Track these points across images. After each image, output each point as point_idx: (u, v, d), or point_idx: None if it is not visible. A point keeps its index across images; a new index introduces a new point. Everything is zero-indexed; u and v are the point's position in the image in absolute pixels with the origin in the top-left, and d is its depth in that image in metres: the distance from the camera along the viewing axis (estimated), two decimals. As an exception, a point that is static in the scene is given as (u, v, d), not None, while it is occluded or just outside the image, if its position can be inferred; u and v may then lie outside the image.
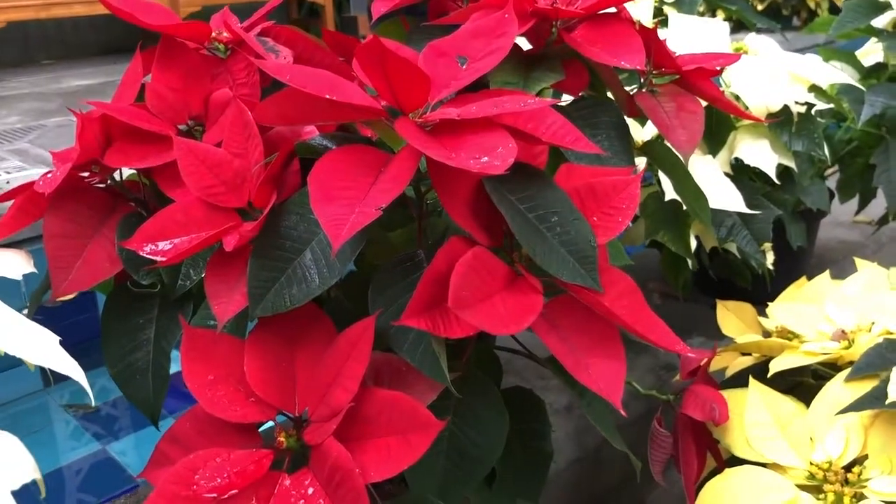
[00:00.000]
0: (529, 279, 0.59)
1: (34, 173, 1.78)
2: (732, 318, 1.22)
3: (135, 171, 0.82)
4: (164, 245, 0.67)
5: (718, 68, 0.83)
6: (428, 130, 0.60)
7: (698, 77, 0.83)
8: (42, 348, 0.63)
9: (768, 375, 0.98)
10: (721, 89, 1.37)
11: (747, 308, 1.23)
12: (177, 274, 0.76)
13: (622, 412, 0.58)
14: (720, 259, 1.60)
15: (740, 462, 0.85)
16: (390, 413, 0.58)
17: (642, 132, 1.38)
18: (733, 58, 0.86)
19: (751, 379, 0.93)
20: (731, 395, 0.92)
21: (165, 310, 0.78)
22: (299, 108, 0.63)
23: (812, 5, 3.75)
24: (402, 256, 0.65)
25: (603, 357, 0.59)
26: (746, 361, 1.10)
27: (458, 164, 0.53)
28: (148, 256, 0.66)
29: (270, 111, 0.64)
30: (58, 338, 0.64)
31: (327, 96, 0.58)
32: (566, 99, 0.90)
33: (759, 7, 3.74)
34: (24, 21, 3.43)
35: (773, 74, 1.48)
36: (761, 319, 1.19)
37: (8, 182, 1.73)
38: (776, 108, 1.47)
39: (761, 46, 1.56)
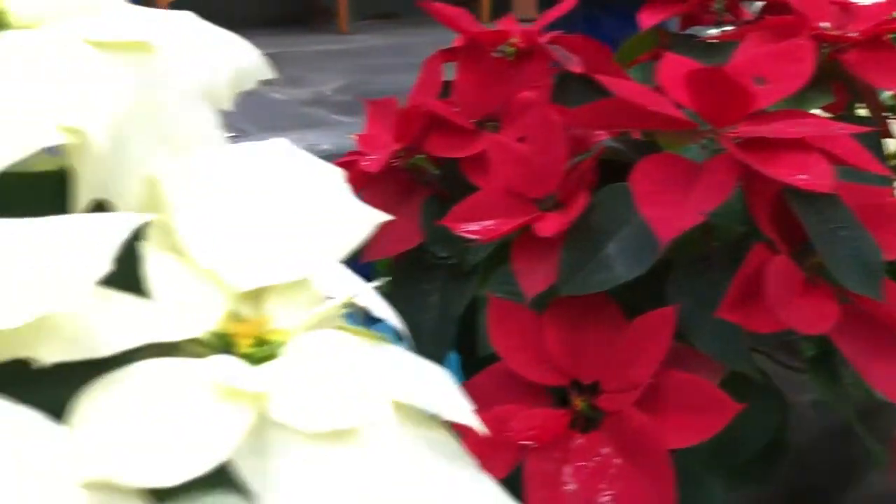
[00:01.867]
0: (825, 286, 0.66)
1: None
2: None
3: (418, 158, 0.93)
4: (473, 226, 0.78)
5: None
6: (737, 144, 0.67)
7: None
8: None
9: None
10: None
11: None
12: (467, 249, 0.87)
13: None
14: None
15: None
16: (687, 392, 0.66)
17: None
18: None
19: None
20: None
21: (452, 280, 0.89)
22: (611, 115, 0.71)
23: None
24: (695, 257, 0.72)
25: (884, 360, 0.65)
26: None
27: (787, 180, 0.60)
28: (464, 235, 0.76)
29: (585, 116, 0.73)
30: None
31: (649, 107, 0.66)
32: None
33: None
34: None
35: None
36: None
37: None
38: None
39: None
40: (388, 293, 0.96)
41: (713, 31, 1.09)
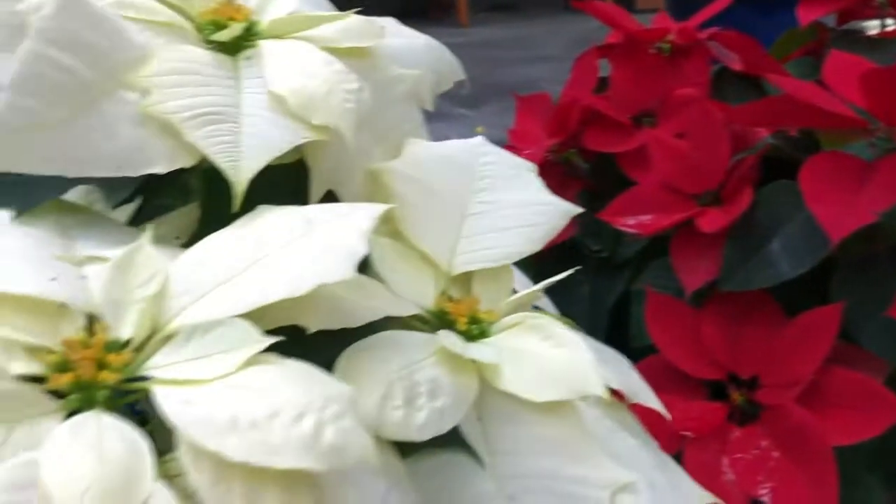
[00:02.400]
0: None
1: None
2: None
3: (570, 152, 0.95)
4: (630, 220, 0.80)
5: None
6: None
7: None
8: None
9: None
10: None
11: None
12: (619, 243, 0.89)
13: None
14: None
15: None
16: (850, 390, 0.66)
17: None
18: None
19: None
20: None
21: (602, 272, 0.91)
22: (777, 112, 0.72)
23: None
24: (861, 256, 0.72)
25: None
26: None
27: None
28: (622, 229, 0.78)
29: (749, 113, 0.73)
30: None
31: (821, 105, 0.66)
32: None
33: None
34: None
35: None
36: None
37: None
38: None
39: None
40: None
41: (872, 26, 1.06)
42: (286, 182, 0.42)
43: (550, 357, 0.36)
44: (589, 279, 0.92)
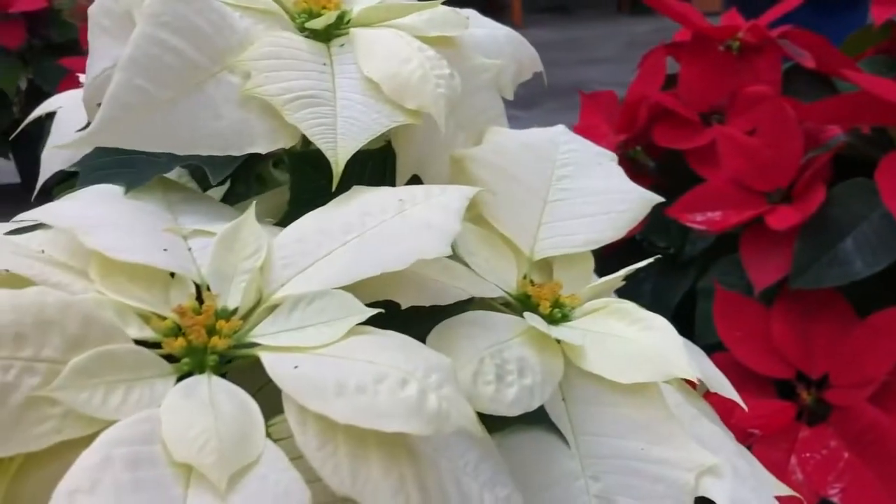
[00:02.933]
0: None
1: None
2: None
3: (635, 149, 0.95)
4: (699, 216, 0.79)
5: None
6: None
7: None
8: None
9: None
10: None
11: None
12: (685, 240, 0.89)
13: None
14: None
15: None
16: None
17: None
18: None
19: None
20: None
21: (667, 269, 0.91)
22: (853, 110, 0.71)
23: None
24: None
25: None
26: None
27: None
28: (691, 225, 0.78)
29: (823, 110, 0.73)
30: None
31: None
32: None
33: None
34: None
35: None
36: None
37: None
38: None
39: None
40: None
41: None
42: (373, 166, 0.44)
43: (638, 340, 0.37)
44: (651, 277, 0.92)
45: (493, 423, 0.33)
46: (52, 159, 0.74)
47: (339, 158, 0.35)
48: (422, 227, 0.33)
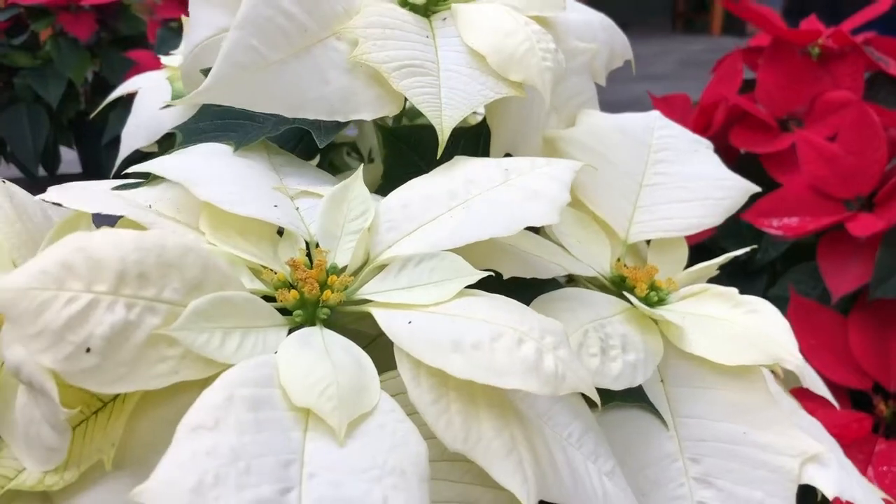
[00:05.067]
0: None
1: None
2: None
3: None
4: (775, 222, 0.78)
5: None
6: None
7: None
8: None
9: None
10: None
11: None
12: (758, 246, 0.87)
13: None
14: None
15: None
16: None
17: None
18: None
19: None
20: None
21: (738, 274, 0.89)
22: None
23: None
24: None
25: None
26: None
27: None
28: (769, 231, 0.76)
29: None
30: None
31: None
32: None
33: None
34: None
35: None
36: None
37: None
38: None
39: None
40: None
41: None
42: (466, 143, 0.43)
43: (742, 323, 0.36)
44: (721, 284, 0.90)
45: (592, 399, 0.33)
46: (132, 137, 0.75)
47: (444, 127, 0.35)
48: (530, 195, 0.33)
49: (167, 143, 0.78)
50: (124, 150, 0.74)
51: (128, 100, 0.92)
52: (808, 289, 0.81)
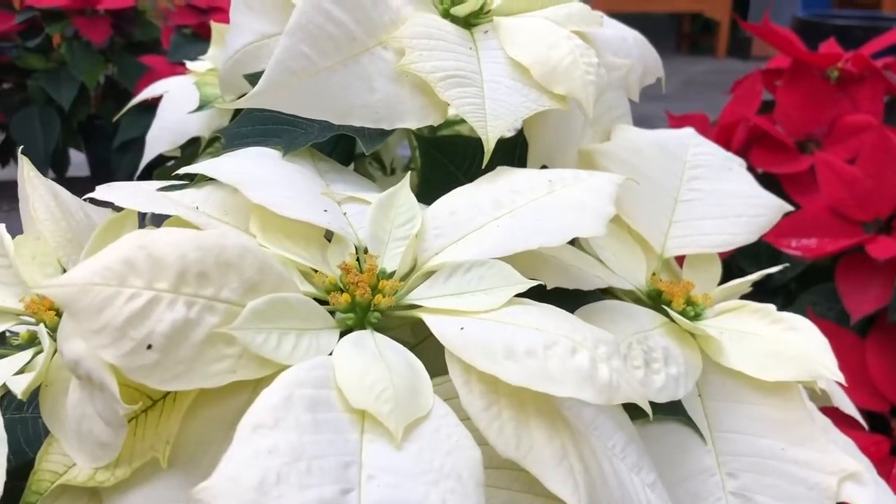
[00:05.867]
0: None
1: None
2: None
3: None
4: (793, 242, 0.78)
5: None
6: None
7: None
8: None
9: None
10: None
11: None
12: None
13: None
14: None
15: None
16: None
17: None
18: None
19: None
20: None
21: (752, 296, 0.89)
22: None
23: None
24: None
25: None
26: None
27: None
28: (788, 251, 0.77)
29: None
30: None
31: None
32: None
33: None
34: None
35: None
36: None
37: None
38: None
39: None
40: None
41: None
42: (502, 155, 0.44)
43: (781, 339, 0.36)
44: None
45: (631, 413, 0.33)
46: (158, 140, 0.76)
47: (489, 137, 0.35)
48: (576, 206, 0.33)
49: (191, 148, 0.79)
50: (149, 154, 0.74)
51: (140, 104, 0.92)
52: (825, 310, 0.81)
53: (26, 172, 0.37)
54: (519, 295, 0.30)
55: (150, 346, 0.25)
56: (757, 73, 0.94)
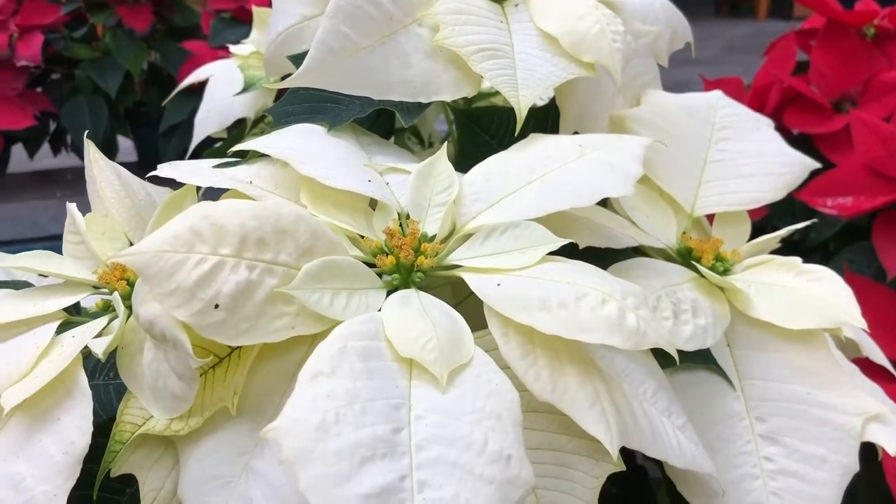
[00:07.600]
0: None
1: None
2: None
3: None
4: (829, 201, 0.78)
5: None
6: None
7: None
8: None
9: None
10: None
11: None
12: (810, 227, 0.88)
13: None
14: None
15: None
16: None
17: None
18: None
19: None
20: None
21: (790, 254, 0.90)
22: None
23: None
24: None
25: None
26: None
27: None
28: (823, 210, 0.77)
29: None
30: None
31: None
32: None
33: None
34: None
35: None
36: None
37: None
38: None
39: None
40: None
41: None
42: (535, 123, 0.46)
43: (807, 290, 0.38)
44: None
45: (662, 361, 0.35)
46: (206, 122, 0.79)
47: (521, 106, 0.37)
48: (605, 168, 0.35)
49: (237, 129, 0.82)
50: (198, 135, 0.77)
51: (184, 90, 0.96)
52: (863, 267, 0.82)
53: (92, 155, 0.40)
54: (552, 253, 0.32)
55: (217, 306, 0.27)
56: (791, 33, 0.94)
